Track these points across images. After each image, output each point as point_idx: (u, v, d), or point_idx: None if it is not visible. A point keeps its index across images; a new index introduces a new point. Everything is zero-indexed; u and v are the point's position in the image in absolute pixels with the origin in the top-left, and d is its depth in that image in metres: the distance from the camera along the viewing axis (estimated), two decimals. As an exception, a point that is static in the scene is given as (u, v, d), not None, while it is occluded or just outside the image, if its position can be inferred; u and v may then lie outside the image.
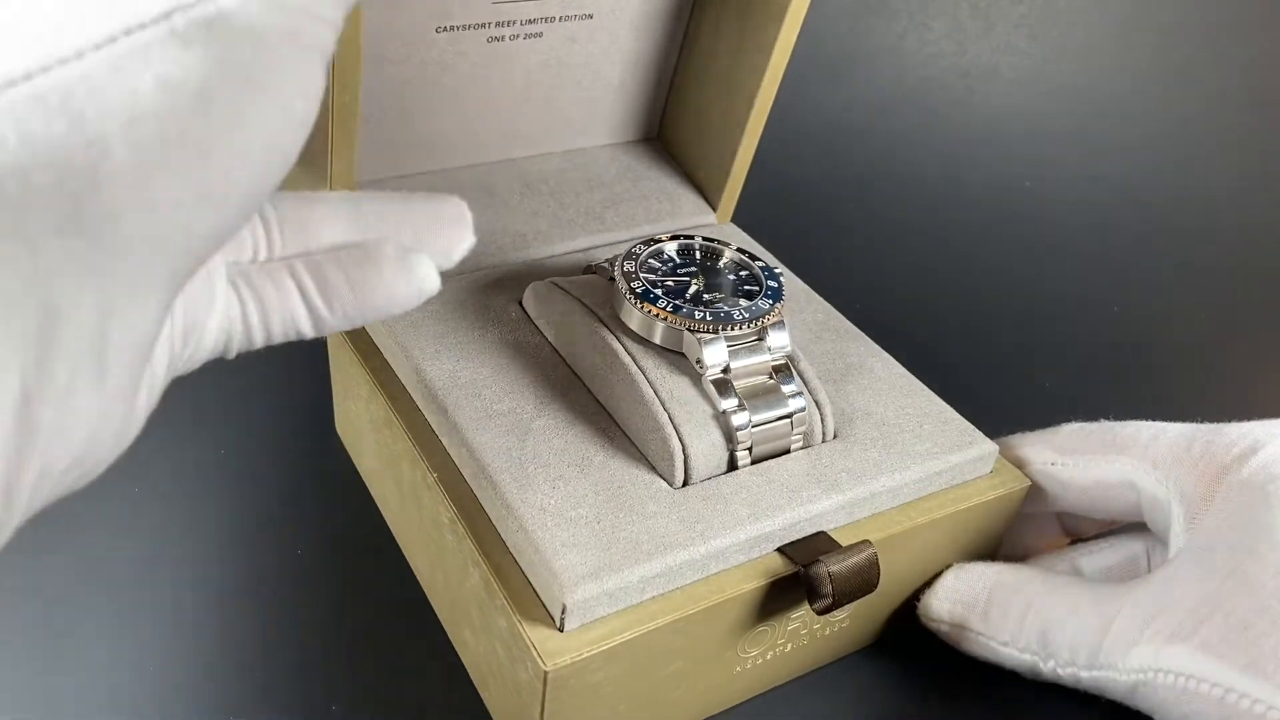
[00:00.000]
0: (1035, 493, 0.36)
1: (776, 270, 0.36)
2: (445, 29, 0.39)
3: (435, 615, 0.36)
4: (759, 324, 0.33)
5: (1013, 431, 0.38)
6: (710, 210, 0.46)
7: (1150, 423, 0.34)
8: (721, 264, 0.36)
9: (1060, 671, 0.32)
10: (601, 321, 0.34)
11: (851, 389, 0.37)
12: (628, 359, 0.33)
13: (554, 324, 0.36)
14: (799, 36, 0.40)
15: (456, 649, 0.35)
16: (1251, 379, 0.55)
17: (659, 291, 0.34)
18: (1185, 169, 0.69)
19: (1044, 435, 0.36)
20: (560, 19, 0.41)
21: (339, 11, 0.18)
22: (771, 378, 0.33)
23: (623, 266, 0.34)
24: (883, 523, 0.33)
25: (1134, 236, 0.64)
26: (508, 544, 0.30)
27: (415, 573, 0.37)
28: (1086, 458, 0.34)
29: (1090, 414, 0.37)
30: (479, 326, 0.37)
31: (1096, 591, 0.32)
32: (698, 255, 0.36)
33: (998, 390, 0.50)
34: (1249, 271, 0.63)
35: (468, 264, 0.40)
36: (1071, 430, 0.36)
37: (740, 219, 0.46)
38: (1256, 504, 0.30)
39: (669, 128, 0.48)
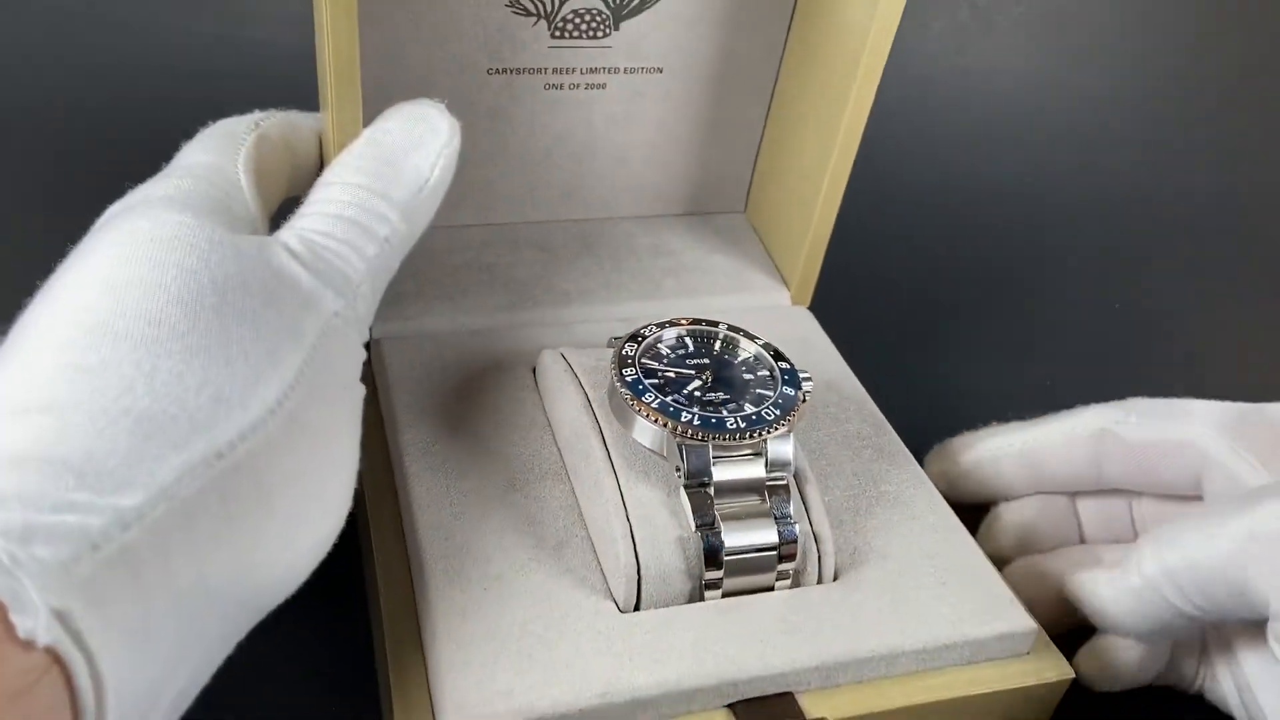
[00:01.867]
0: (1100, 455, 0.35)
1: (802, 374, 0.31)
2: (497, 71, 0.37)
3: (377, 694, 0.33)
4: (756, 436, 0.28)
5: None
6: (784, 289, 0.41)
7: (1204, 400, 0.34)
8: (740, 359, 0.32)
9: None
10: (590, 405, 0.31)
11: (875, 523, 0.31)
12: (601, 455, 0.29)
13: (550, 399, 0.33)
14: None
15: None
16: (1253, 375, 0.54)
17: (650, 383, 0.30)
18: (1185, 167, 0.68)
19: (1110, 404, 0.36)
20: (625, 70, 0.38)
21: None
22: (764, 499, 0.29)
23: (622, 349, 0.31)
24: (867, 696, 0.27)
25: (1134, 234, 0.63)
26: (422, 643, 0.27)
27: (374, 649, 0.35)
28: (1154, 419, 0.34)
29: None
30: (481, 389, 0.34)
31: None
32: (716, 346, 0.32)
33: (996, 388, 0.48)
34: (1250, 268, 0.62)
35: (499, 307, 0.37)
36: (1137, 399, 0.36)
37: (820, 298, 0.41)
38: None
39: (755, 200, 0.44)
